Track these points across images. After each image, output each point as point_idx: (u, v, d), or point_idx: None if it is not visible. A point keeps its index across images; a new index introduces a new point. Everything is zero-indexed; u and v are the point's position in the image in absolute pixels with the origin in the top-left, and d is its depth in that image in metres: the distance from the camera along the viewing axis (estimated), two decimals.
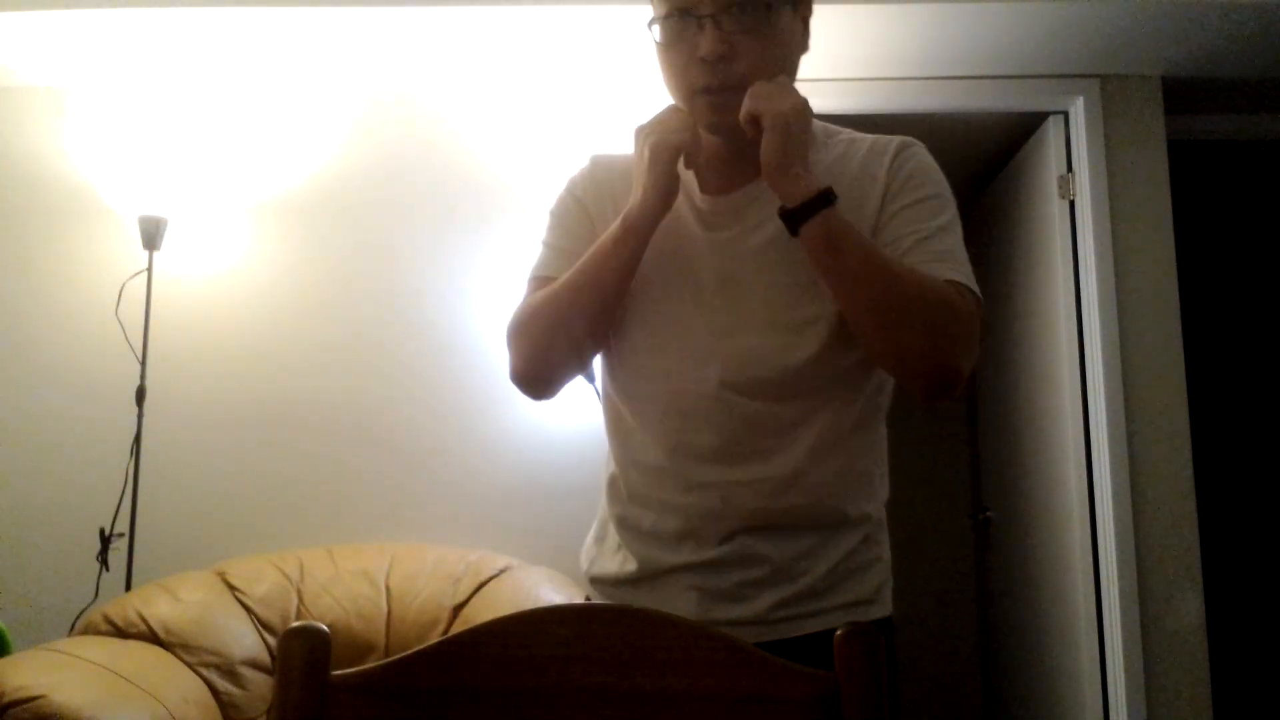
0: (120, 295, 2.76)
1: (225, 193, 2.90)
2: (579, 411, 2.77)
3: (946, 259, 1.07)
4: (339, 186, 2.92)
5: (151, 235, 2.70)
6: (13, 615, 2.56)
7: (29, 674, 1.85)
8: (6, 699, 1.78)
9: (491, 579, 2.44)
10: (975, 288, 1.08)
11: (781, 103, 1.04)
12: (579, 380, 2.93)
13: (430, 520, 2.75)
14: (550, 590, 2.40)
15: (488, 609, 2.31)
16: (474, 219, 2.91)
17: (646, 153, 1.08)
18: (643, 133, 1.11)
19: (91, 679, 1.94)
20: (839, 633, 0.69)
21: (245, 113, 2.94)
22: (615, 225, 1.10)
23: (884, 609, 1.14)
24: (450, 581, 2.43)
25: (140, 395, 2.68)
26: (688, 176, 1.16)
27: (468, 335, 2.85)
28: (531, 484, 2.77)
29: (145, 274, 2.73)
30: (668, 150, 1.07)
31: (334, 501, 2.77)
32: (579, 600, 2.34)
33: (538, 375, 1.18)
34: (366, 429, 2.80)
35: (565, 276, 1.13)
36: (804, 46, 1.21)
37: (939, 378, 1.03)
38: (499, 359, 2.88)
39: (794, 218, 1.03)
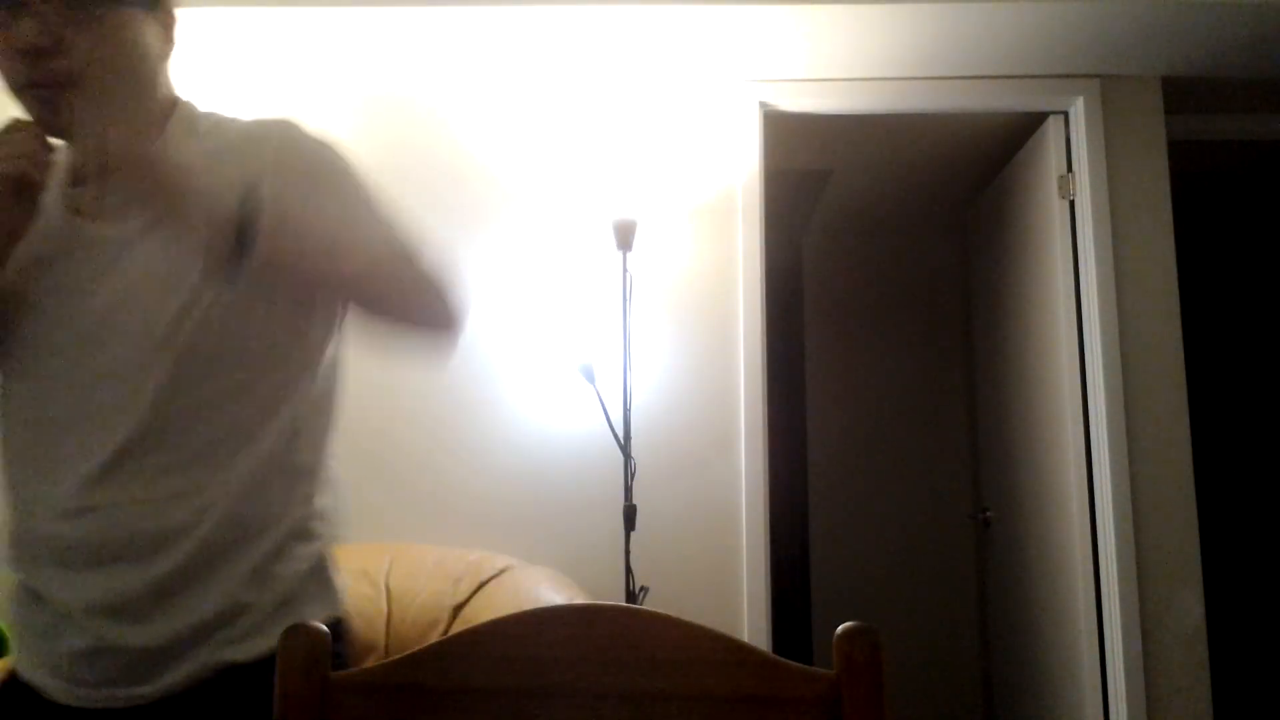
0: None
1: None
2: (579, 411, 2.77)
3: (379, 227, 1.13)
4: None
5: None
6: None
7: None
8: None
9: (491, 579, 2.44)
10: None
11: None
12: (581, 379, 2.93)
13: (430, 520, 2.75)
14: (550, 590, 2.40)
15: (488, 609, 2.31)
16: (474, 218, 2.90)
17: None
18: None
19: None
20: (839, 632, 0.69)
21: (244, 113, 2.94)
22: None
23: None
24: (450, 581, 2.43)
25: None
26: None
27: (468, 336, 2.84)
28: (531, 484, 2.77)
29: None
30: (3, 181, 0.95)
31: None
32: (579, 600, 2.34)
33: None
34: (366, 429, 2.80)
35: None
36: (162, 55, 1.08)
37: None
38: (498, 360, 2.89)
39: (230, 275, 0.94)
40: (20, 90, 0.98)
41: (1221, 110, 3.19)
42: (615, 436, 2.67)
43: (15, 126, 0.99)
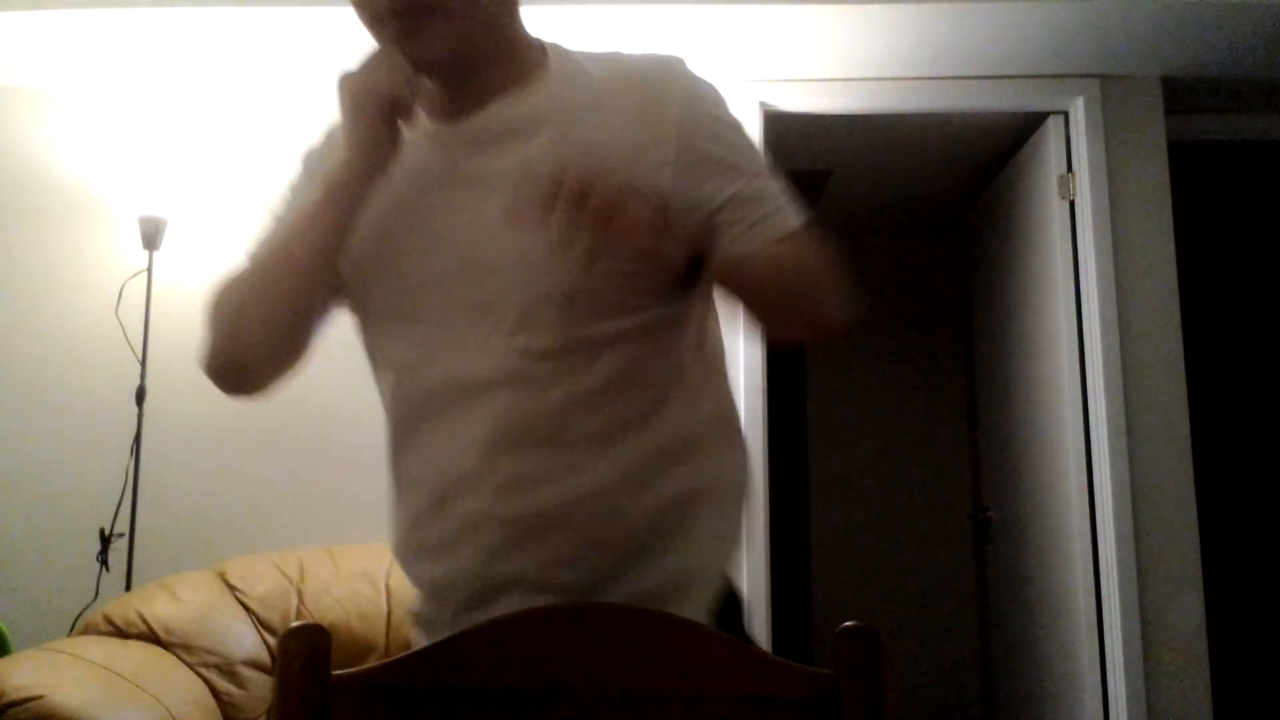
0: (120, 295, 2.76)
1: (225, 193, 2.90)
2: None
3: (776, 214, 0.99)
4: None
5: (151, 235, 2.70)
6: (13, 615, 2.56)
7: (29, 674, 1.85)
8: (6, 699, 1.77)
9: None
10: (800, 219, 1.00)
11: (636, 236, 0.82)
12: None
13: None
14: None
15: None
16: None
17: (348, 103, 0.95)
18: (346, 80, 0.96)
19: (91, 679, 1.94)
20: (839, 632, 0.69)
21: (245, 113, 2.94)
22: (317, 190, 0.96)
23: None
24: None
25: (140, 395, 2.68)
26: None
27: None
28: None
29: (145, 274, 2.73)
30: (372, 100, 0.92)
31: (334, 501, 2.77)
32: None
33: (228, 364, 0.98)
34: (367, 429, 2.79)
35: (261, 249, 0.99)
36: None
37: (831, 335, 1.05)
38: None
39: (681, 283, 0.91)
40: (382, 19, 0.94)
41: (1221, 110, 3.19)
42: None
43: (382, 53, 0.95)
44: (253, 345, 0.96)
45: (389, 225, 0.97)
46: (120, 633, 2.20)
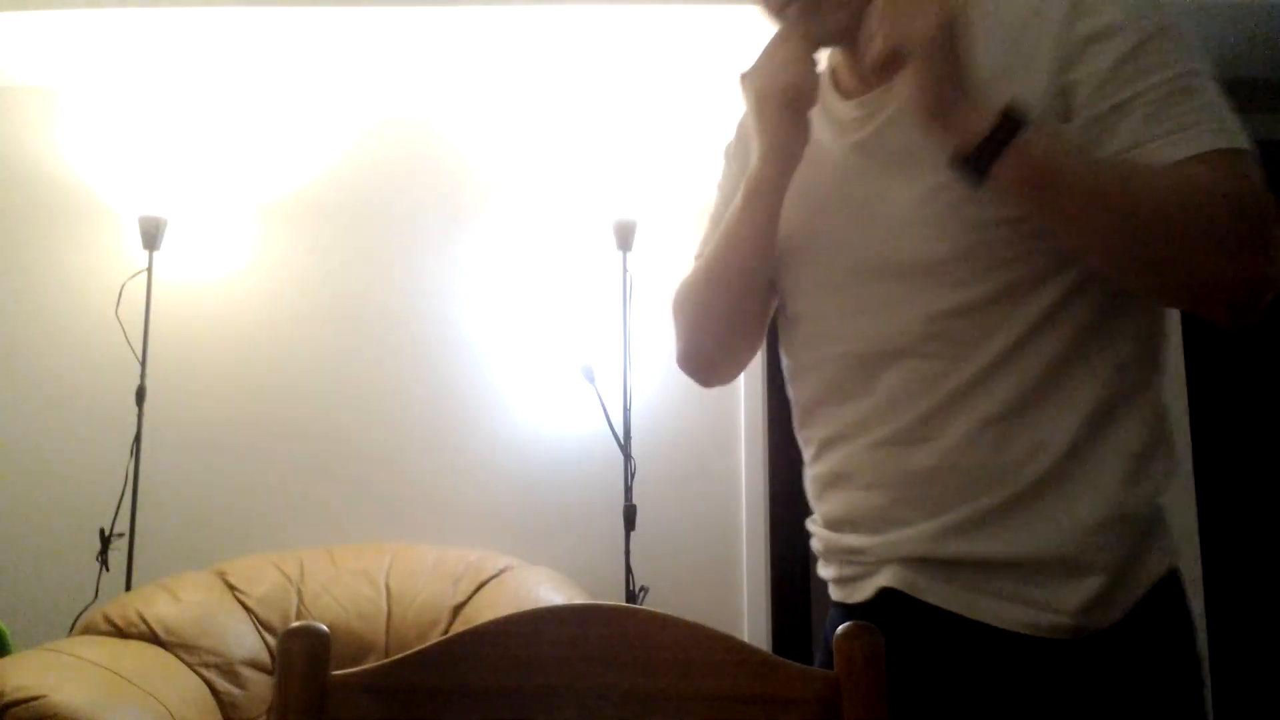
0: (120, 295, 2.76)
1: (225, 193, 2.90)
2: (579, 411, 2.77)
3: (1189, 125, 0.80)
4: (340, 188, 2.92)
5: (151, 235, 2.70)
6: (13, 615, 2.56)
7: (29, 674, 1.85)
8: (6, 699, 1.78)
9: (491, 579, 2.44)
10: (1243, 143, 0.81)
11: (920, 23, 0.79)
12: (581, 380, 2.92)
13: (430, 520, 2.75)
14: (550, 590, 2.39)
15: (488, 609, 2.31)
16: (476, 222, 2.90)
17: (752, 103, 0.95)
18: (746, 79, 0.96)
19: (91, 679, 1.94)
20: (839, 632, 0.69)
21: (245, 114, 2.94)
22: (740, 191, 0.98)
23: None
24: (450, 581, 2.43)
25: (140, 395, 2.68)
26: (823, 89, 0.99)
27: (468, 337, 2.85)
28: (531, 484, 2.77)
29: (145, 274, 2.73)
30: (774, 97, 0.92)
31: (334, 501, 2.77)
32: (579, 600, 2.34)
33: (694, 360, 1.08)
34: (367, 429, 2.80)
35: (709, 249, 1.05)
36: None
37: (1235, 297, 0.83)
38: (499, 361, 2.88)
39: (972, 165, 0.80)
40: (784, 4, 0.94)
41: None
42: (615, 437, 2.67)
43: (783, 36, 0.95)
44: (716, 340, 1.06)
45: (808, 211, 0.98)
46: (120, 633, 2.20)
